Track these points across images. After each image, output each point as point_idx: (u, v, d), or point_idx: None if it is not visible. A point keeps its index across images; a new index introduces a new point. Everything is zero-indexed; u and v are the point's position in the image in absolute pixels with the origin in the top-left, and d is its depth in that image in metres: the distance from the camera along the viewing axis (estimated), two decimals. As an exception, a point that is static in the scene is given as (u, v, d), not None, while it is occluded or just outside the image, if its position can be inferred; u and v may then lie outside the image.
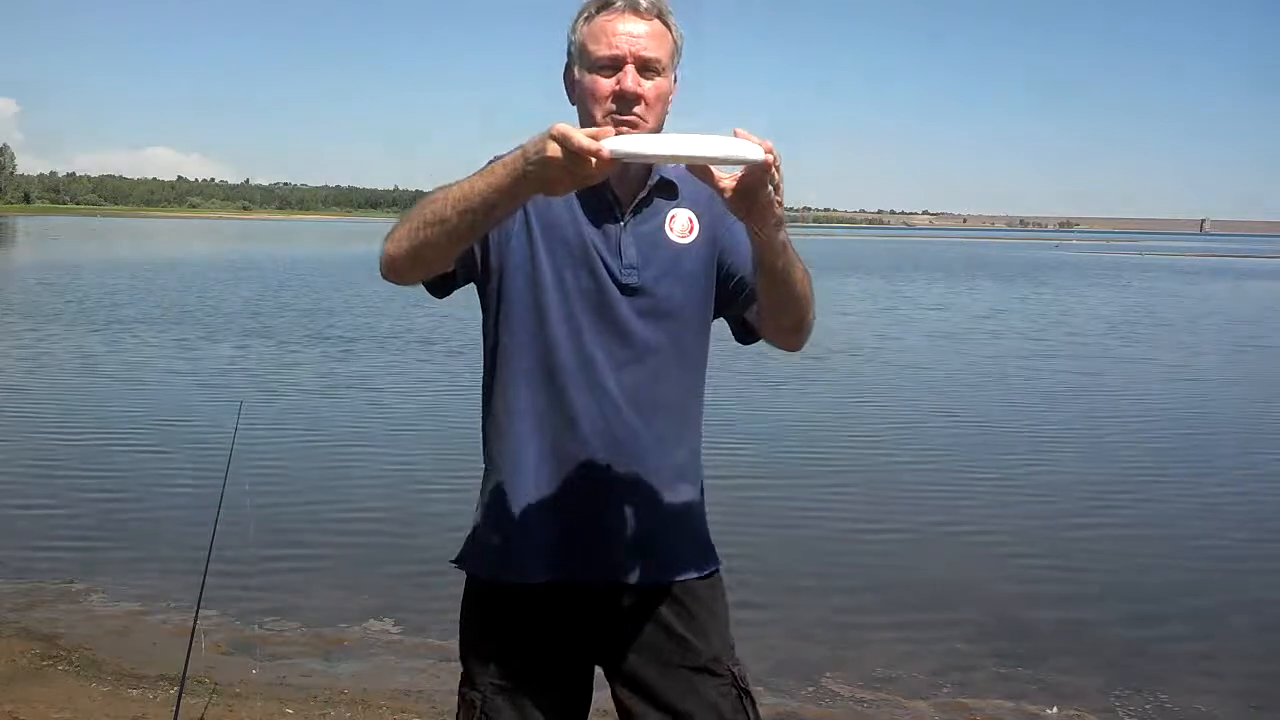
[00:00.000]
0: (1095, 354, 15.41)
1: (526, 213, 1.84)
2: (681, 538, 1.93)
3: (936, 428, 9.63)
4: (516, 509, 1.86)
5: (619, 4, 1.81)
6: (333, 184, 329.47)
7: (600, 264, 1.84)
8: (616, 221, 1.86)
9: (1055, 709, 4.10)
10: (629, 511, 1.86)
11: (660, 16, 1.82)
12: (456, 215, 1.66)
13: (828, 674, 4.34)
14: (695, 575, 1.93)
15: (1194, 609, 5.29)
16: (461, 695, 1.93)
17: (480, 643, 1.92)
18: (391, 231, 1.76)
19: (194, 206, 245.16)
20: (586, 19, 1.83)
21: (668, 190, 1.90)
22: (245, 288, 24.38)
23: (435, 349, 14.04)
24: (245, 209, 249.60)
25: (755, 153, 1.55)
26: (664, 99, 1.83)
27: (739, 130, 1.56)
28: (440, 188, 1.70)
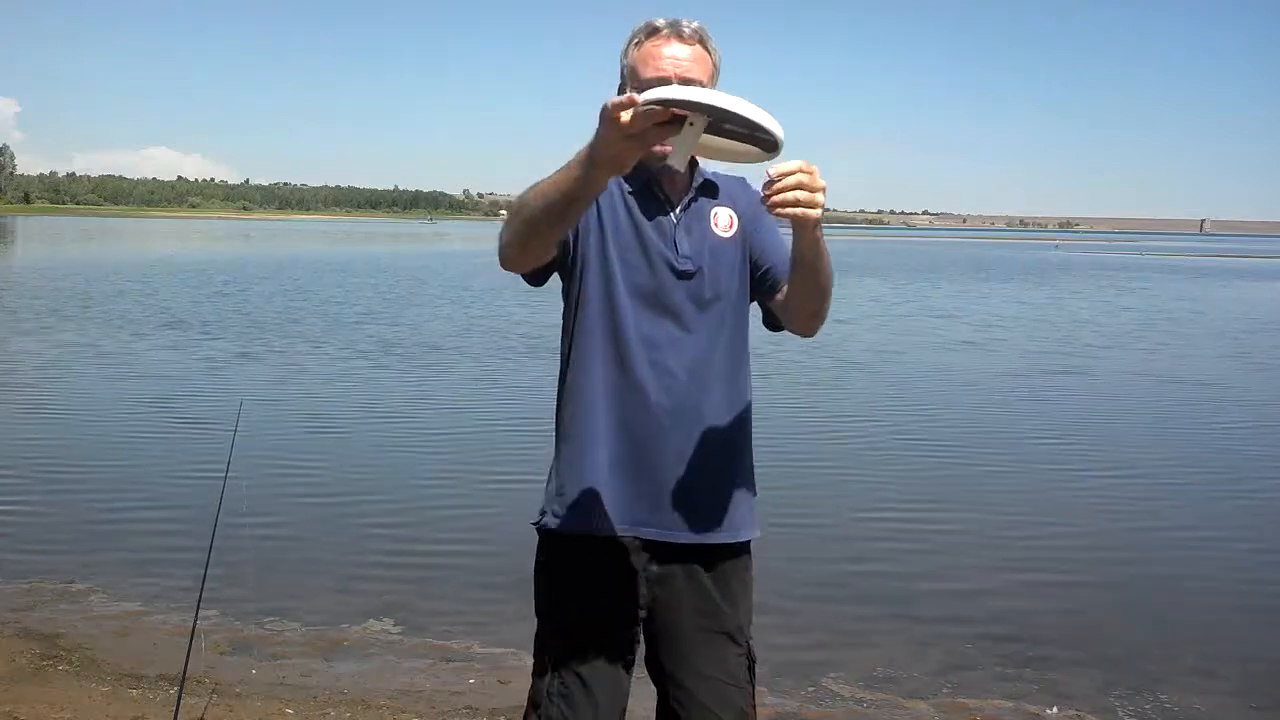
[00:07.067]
0: (1099, 357, 15.39)
1: (599, 212, 2.07)
2: (735, 499, 2.12)
3: (936, 429, 9.64)
4: (588, 470, 2.07)
5: (665, 31, 2.07)
6: (333, 184, 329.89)
7: (658, 255, 2.07)
8: (670, 218, 2.10)
9: (1055, 709, 4.10)
10: (688, 474, 2.06)
11: (701, 41, 2.08)
12: (542, 214, 1.85)
13: (828, 674, 4.34)
14: (741, 537, 2.13)
15: (1194, 609, 5.29)
16: (536, 645, 2.15)
17: (551, 591, 2.14)
18: (501, 233, 1.97)
19: (194, 206, 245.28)
20: (636, 44, 2.09)
21: (710, 190, 2.16)
22: (244, 288, 24.39)
23: (439, 353, 14.05)
24: (245, 209, 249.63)
25: (773, 125, 1.68)
26: None
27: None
28: (530, 187, 1.87)
